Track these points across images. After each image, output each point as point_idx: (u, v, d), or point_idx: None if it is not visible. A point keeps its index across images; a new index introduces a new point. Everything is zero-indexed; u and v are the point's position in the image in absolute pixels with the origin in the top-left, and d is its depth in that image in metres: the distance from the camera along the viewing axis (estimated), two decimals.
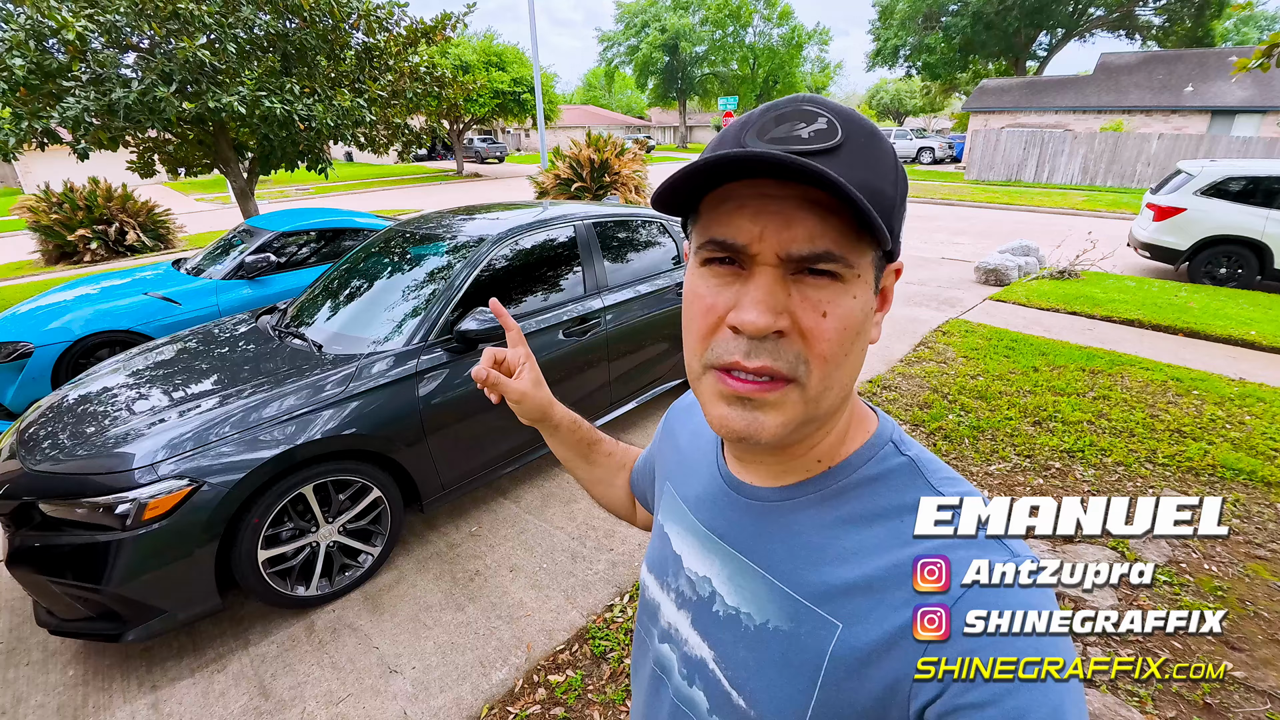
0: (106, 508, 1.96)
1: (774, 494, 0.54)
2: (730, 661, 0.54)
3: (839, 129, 0.44)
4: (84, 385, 2.65)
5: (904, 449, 0.53)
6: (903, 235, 0.49)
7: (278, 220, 5.19)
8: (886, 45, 36.34)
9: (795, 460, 0.53)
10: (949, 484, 0.50)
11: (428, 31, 8.00)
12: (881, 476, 0.51)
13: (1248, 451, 3.41)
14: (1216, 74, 20.81)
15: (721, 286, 0.46)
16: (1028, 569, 0.44)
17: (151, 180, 18.77)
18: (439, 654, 2.21)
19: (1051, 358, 4.83)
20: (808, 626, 0.48)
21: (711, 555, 0.58)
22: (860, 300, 0.45)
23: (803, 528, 0.52)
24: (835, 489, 0.52)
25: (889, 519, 0.49)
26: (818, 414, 0.47)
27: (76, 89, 5.57)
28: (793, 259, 0.43)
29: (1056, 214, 13.53)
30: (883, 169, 0.44)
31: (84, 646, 2.31)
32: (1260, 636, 2.20)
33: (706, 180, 0.45)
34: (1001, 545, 0.46)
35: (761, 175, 0.43)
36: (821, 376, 0.45)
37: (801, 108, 0.46)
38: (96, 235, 9.72)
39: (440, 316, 2.71)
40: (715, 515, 0.59)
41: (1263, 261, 7.02)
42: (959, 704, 0.40)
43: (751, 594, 0.53)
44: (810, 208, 0.42)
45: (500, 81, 24.27)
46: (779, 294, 0.44)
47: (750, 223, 0.43)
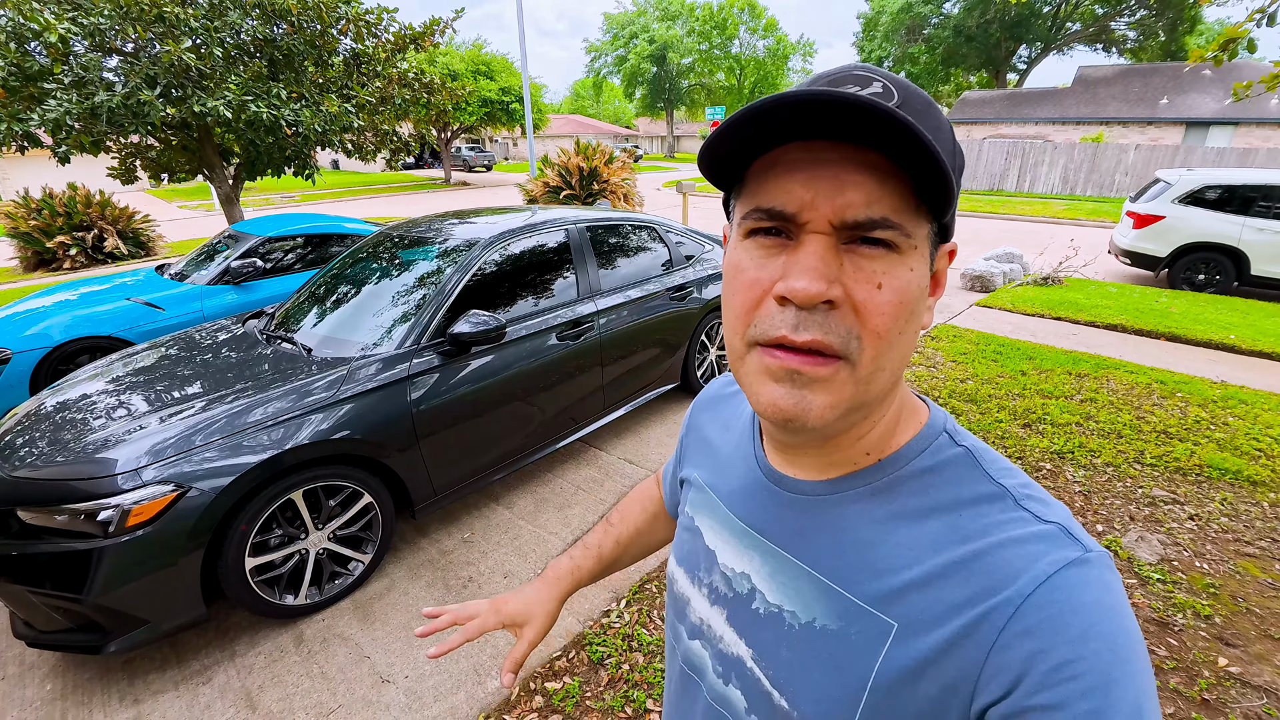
0: (88, 514, 1.89)
1: (819, 488, 0.51)
2: (772, 661, 0.51)
3: (895, 93, 0.41)
4: (63, 391, 2.58)
5: (959, 439, 0.50)
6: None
7: (264, 225, 5.12)
8: (871, 57, 36.97)
9: (842, 452, 0.50)
10: (1007, 474, 0.47)
11: (416, 37, 7.99)
12: (936, 468, 0.48)
13: (1232, 451, 3.47)
14: (1190, 87, 21.39)
15: (767, 258, 0.43)
16: (1101, 561, 0.41)
17: (133, 187, 18.54)
18: (432, 663, 2.16)
19: (1038, 361, 4.88)
20: (859, 626, 0.46)
21: (750, 551, 0.56)
22: (917, 274, 0.43)
23: (852, 523, 0.49)
24: (886, 482, 0.49)
25: (946, 513, 0.46)
26: (867, 398, 0.44)
27: (58, 92, 5.47)
28: (847, 225, 0.40)
29: (1039, 222, 13.76)
30: (941, 137, 0.41)
31: (63, 659, 2.23)
32: (1254, 632, 2.22)
33: (755, 137, 0.41)
34: (1072, 540, 0.42)
35: (815, 135, 0.40)
36: (874, 355, 0.42)
37: (854, 73, 0.43)
38: (76, 242, 9.53)
39: (433, 320, 2.68)
40: (754, 510, 0.56)
41: (1239, 267, 7.18)
42: (1027, 705, 0.38)
43: (795, 591, 0.50)
44: (867, 170, 0.39)
45: (488, 90, 24.30)
46: (831, 262, 0.41)
47: (801, 188, 0.40)
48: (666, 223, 4.20)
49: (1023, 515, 0.44)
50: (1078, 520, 0.47)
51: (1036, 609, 0.39)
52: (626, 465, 3.46)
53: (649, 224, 4.03)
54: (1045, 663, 0.38)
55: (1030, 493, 0.46)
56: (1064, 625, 0.38)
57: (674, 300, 3.82)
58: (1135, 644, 0.39)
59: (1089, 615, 0.39)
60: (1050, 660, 0.38)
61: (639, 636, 2.24)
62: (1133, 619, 0.40)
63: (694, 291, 3.98)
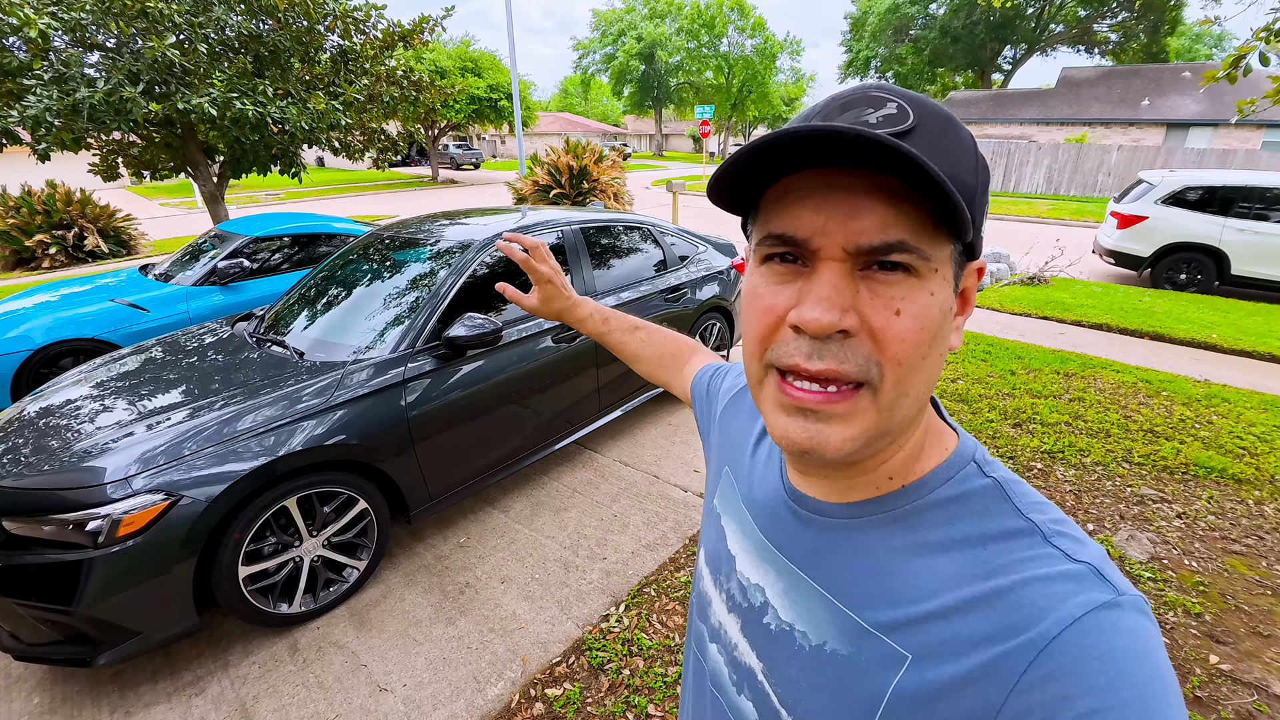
0: (77, 524, 1.85)
1: (839, 510, 0.50)
2: (780, 679, 0.50)
3: (910, 113, 0.40)
4: (46, 397, 2.52)
5: (988, 470, 0.48)
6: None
7: (251, 224, 5.04)
8: (858, 57, 37.22)
9: (864, 476, 0.49)
10: (1038, 509, 0.45)
11: (405, 35, 7.90)
12: (961, 498, 0.46)
13: (1218, 450, 3.53)
14: (1171, 88, 21.73)
15: (782, 285, 0.43)
16: (1135, 605, 0.39)
17: (114, 185, 18.20)
18: (430, 670, 2.14)
19: (1027, 361, 4.94)
20: (870, 654, 0.44)
21: (767, 565, 0.55)
22: (939, 298, 0.41)
23: (870, 549, 0.48)
24: (908, 509, 0.47)
25: (970, 546, 0.44)
26: (890, 426, 0.43)
27: (38, 88, 5.35)
28: (862, 252, 0.39)
29: (1024, 222, 13.93)
30: (961, 156, 0.41)
31: (51, 672, 2.18)
32: (1243, 630, 2.26)
33: (765, 168, 0.41)
34: (1104, 581, 0.40)
35: (827, 164, 0.39)
36: (895, 381, 0.41)
37: (869, 94, 0.42)
38: (55, 241, 9.35)
39: (427, 323, 2.65)
40: (773, 525, 0.56)
41: (1220, 267, 7.31)
42: None
43: (808, 612, 0.49)
44: (881, 195, 0.39)
45: (476, 88, 24.13)
46: (845, 290, 0.40)
47: (813, 214, 0.40)
48: (660, 223, 4.19)
49: (1052, 553, 0.42)
50: (1070, 519, 0.46)
51: (1062, 652, 0.37)
52: (622, 467, 3.45)
53: (643, 225, 4.02)
54: (1069, 710, 0.36)
55: (1062, 529, 0.44)
56: (1092, 671, 0.36)
57: (669, 301, 3.82)
58: (1170, 694, 0.36)
59: (1119, 662, 0.37)
60: (1075, 708, 0.36)
61: (639, 641, 2.24)
62: (1168, 667, 0.38)
63: (689, 292, 3.97)
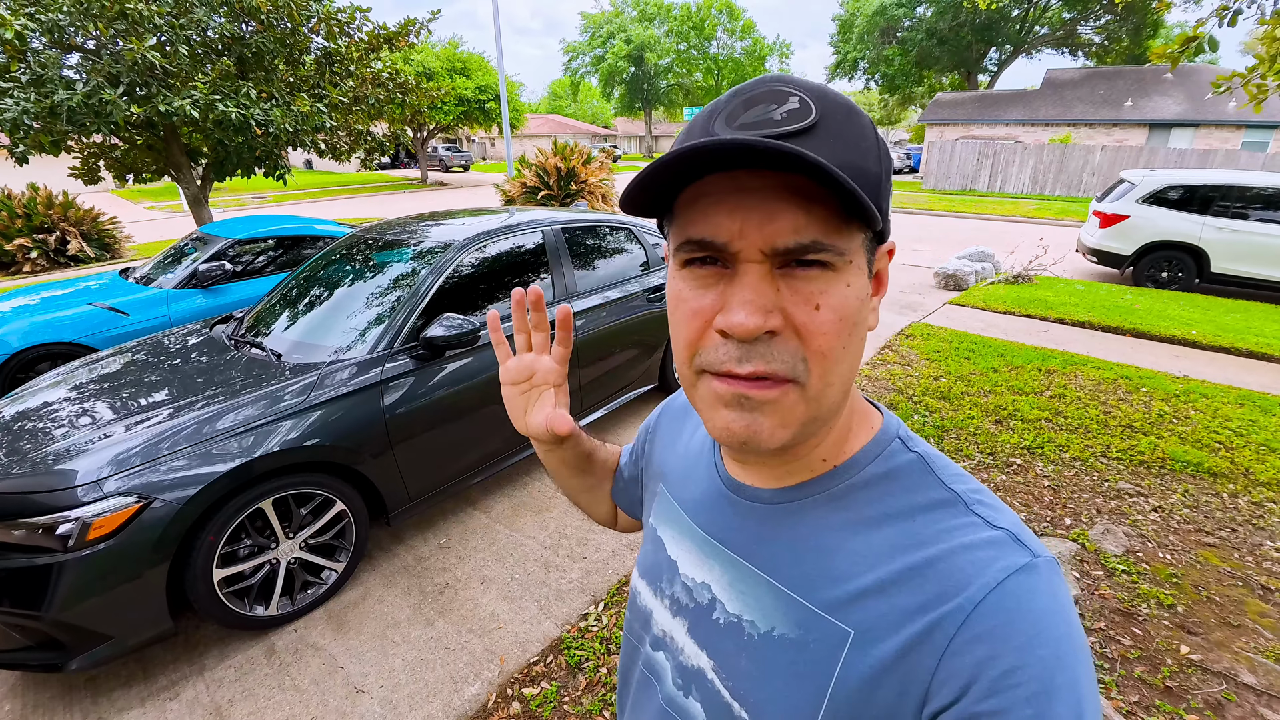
0: (46, 528, 1.83)
1: (777, 495, 0.52)
2: (731, 671, 0.51)
3: (813, 107, 0.41)
4: (21, 400, 2.49)
5: (911, 445, 0.51)
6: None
7: (234, 227, 5.01)
8: (846, 58, 37.42)
9: (798, 460, 0.50)
10: (959, 480, 0.48)
11: (391, 37, 7.89)
12: (890, 474, 0.49)
13: (1194, 445, 3.58)
14: (1153, 90, 22.01)
15: (704, 288, 0.43)
16: (1048, 567, 0.42)
17: (97, 187, 18.02)
18: (408, 671, 2.14)
19: (1009, 359, 4.99)
20: (817, 634, 0.46)
21: (710, 561, 0.56)
22: (855, 288, 0.43)
23: (809, 530, 0.49)
24: (842, 488, 0.49)
25: (900, 520, 0.46)
26: (820, 413, 0.45)
27: (15, 90, 5.30)
28: (778, 253, 0.40)
29: (1010, 221, 14.05)
30: (864, 145, 0.42)
31: (21, 678, 2.16)
32: (1214, 620, 2.29)
33: (677, 177, 0.41)
34: (1020, 545, 0.43)
35: (735, 166, 0.40)
36: (822, 374, 0.43)
37: (772, 88, 0.42)
38: (36, 244, 9.23)
39: (405, 323, 2.64)
40: (714, 519, 0.57)
41: (1200, 265, 7.41)
42: (975, 711, 0.38)
43: (755, 600, 0.51)
44: (792, 196, 0.39)
45: (464, 89, 24.07)
46: (767, 291, 0.41)
47: (728, 218, 0.41)
48: (643, 224, 4.20)
49: (974, 520, 0.45)
50: (1048, 513, 0.48)
51: (986, 615, 0.40)
52: None
53: (625, 225, 4.03)
54: (993, 669, 0.39)
55: (980, 498, 0.47)
56: (1012, 632, 0.39)
57: (651, 301, 3.83)
58: (1079, 650, 0.40)
59: (1036, 622, 0.40)
60: (998, 666, 0.39)
61: (617, 639, 2.24)
62: (1077, 624, 0.41)
63: None
